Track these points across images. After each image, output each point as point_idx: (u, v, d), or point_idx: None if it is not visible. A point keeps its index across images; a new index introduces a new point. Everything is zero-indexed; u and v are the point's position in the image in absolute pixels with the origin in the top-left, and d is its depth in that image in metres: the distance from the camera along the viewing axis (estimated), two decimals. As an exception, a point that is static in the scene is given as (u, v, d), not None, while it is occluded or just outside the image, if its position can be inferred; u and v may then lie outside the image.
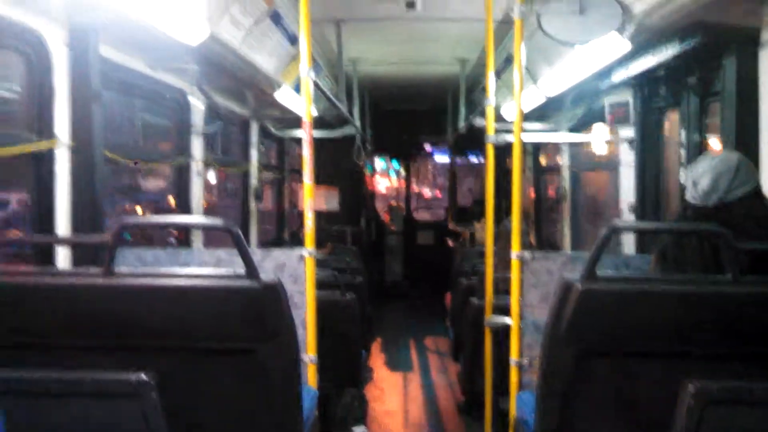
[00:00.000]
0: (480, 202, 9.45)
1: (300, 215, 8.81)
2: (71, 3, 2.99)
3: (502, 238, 4.97)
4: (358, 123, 6.98)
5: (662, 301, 2.26)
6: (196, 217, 4.78)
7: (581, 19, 3.42)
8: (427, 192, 16.02)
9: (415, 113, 10.54)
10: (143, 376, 1.99)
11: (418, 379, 6.88)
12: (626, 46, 3.58)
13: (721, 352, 2.26)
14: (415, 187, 13.48)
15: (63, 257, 3.20)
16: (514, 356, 3.55)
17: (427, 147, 11.77)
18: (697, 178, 2.81)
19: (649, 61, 3.80)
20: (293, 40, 4.65)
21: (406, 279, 11.33)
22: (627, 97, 4.81)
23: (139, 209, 5.97)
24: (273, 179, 8.20)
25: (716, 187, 2.75)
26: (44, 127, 3.09)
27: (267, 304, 2.20)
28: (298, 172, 8.81)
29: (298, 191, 8.92)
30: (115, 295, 2.20)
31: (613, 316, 2.25)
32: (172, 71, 4.31)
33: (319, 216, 3.51)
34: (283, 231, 8.12)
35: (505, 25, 4.97)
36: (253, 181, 6.53)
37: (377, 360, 7.37)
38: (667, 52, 3.56)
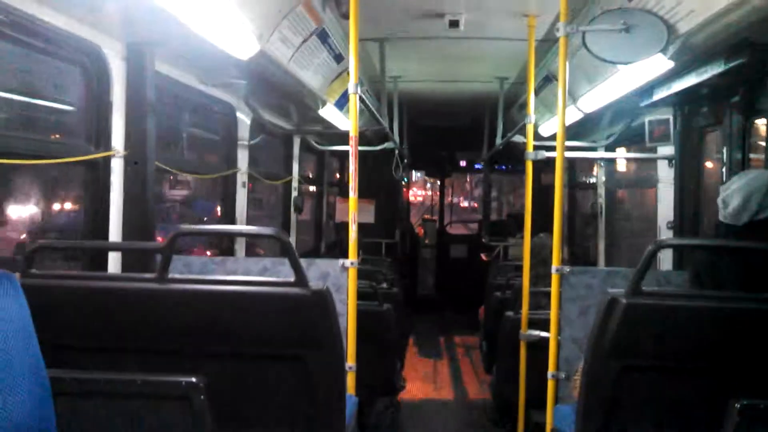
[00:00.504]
0: (514, 217, 9.47)
1: (336, 227, 8.96)
2: (129, 19, 3.10)
3: (538, 252, 5.00)
4: (396, 138, 7.07)
5: (707, 317, 2.27)
6: (247, 227, 4.89)
7: (626, 39, 3.42)
8: (463, 204, 16.02)
9: (452, 129, 10.59)
10: (193, 380, 2.03)
11: (451, 389, 6.91)
12: (669, 65, 3.60)
13: (765, 371, 2.27)
14: (449, 200, 13.50)
15: (113, 265, 3.31)
16: (551, 369, 3.58)
17: (463, 162, 11.81)
18: (728, 197, 2.82)
19: (691, 80, 3.79)
20: (338, 57, 4.76)
21: (439, 292, 11.35)
22: (667, 115, 4.82)
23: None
24: (311, 192, 8.32)
25: (747, 206, 2.75)
26: (101, 138, 3.23)
27: (315, 311, 2.26)
28: (335, 186, 8.92)
29: (335, 204, 9.03)
30: (169, 300, 2.28)
31: (657, 331, 2.27)
32: (221, 86, 4.44)
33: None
34: (321, 242, 8.22)
35: (544, 44, 5.02)
36: (294, 193, 6.64)
37: (411, 370, 7.40)
38: (711, 71, 3.55)
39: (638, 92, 4.44)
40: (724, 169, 4.10)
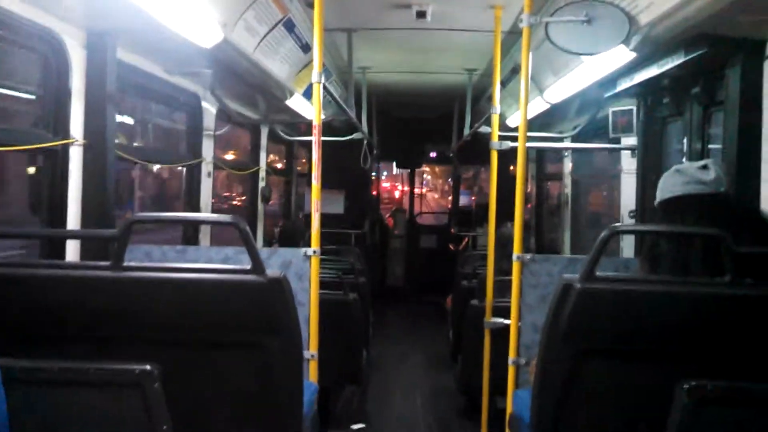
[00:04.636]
0: (482, 207, 9.54)
1: (305, 218, 8.95)
2: (90, 7, 3.06)
3: (502, 242, 5.06)
4: (365, 129, 7.07)
5: (660, 302, 2.31)
6: (205, 214, 4.87)
7: (588, 30, 3.46)
8: (431, 196, 16.09)
9: (421, 120, 10.64)
10: (147, 367, 2.02)
11: (418, 378, 6.96)
12: (630, 56, 3.65)
13: (718, 354, 2.31)
14: (419, 191, 13.56)
15: (72, 252, 3.28)
16: (512, 355, 3.63)
17: (433, 153, 11.87)
18: (700, 170, 2.90)
19: (653, 71, 3.85)
20: (305, 47, 4.75)
21: (409, 282, 11.41)
22: (631, 106, 4.89)
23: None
24: (280, 182, 8.30)
25: (722, 177, 2.85)
26: (60, 126, 3.20)
27: (272, 298, 2.26)
28: (304, 176, 8.92)
29: (305, 194, 9.01)
30: (123, 288, 2.26)
31: (610, 316, 2.31)
32: (186, 75, 4.41)
33: (324, 218, 3.60)
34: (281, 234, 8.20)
35: (511, 36, 5.06)
36: (262, 183, 6.62)
37: (377, 359, 7.44)
38: (672, 63, 3.61)
39: (602, 83, 4.49)
40: (684, 159, 4.17)
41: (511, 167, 8.60)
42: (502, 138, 4.37)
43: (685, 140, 4.20)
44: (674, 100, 4.38)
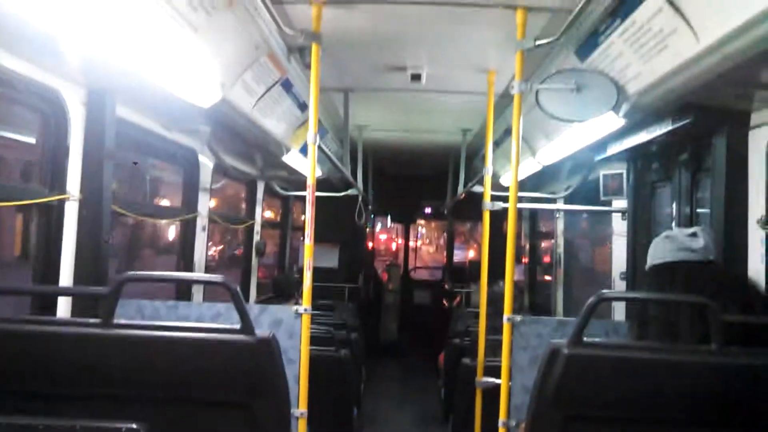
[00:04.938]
0: (476, 264, 9.56)
1: (299, 271, 8.96)
2: (90, 66, 3.12)
3: (494, 301, 5.07)
4: (361, 185, 7.14)
5: (647, 369, 2.33)
6: (197, 274, 4.88)
7: (578, 98, 3.54)
8: (426, 250, 16.11)
9: (416, 177, 10.75)
10: (133, 426, 2.00)
11: None
12: (620, 123, 3.73)
13: (705, 421, 2.32)
14: (415, 243, 13.60)
15: (64, 309, 3.29)
16: (502, 416, 3.61)
17: (427, 209, 11.95)
18: (689, 237, 2.96)
19: (642, 137, 3.92)
20: (303, 106, 4.84)
21: (402, 337, 11.35)
22: (621, 169, 4.96)
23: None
24: (275, 236, 8.34)
25: (710, 245, 2.91)
26: (56, 182, 3.23)
27: (261, 358, 2.27)
28: (300, 229, 8.96)
29: (299, 248, 9.04)
30: (113, 345, 2.27)
31: (598, 382, 2.32)
32: (184, 132, 4.48)
33: (318, 271, 3.63)
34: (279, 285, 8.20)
35: (505, 99, 5.16)
36: (256, 237, 6.65)
37: (369, 416, 7.36)
38: (660, 130, 3.68)
39: (593, 147, 4.57)
40: (673, 224, 4.22)
41: (504, 225, 8.65)
42: (495, 198, 4.43)
43: (674, 204, 4.26)
44: (663, 165, 4.45)
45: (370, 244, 12.00)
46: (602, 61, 3.40)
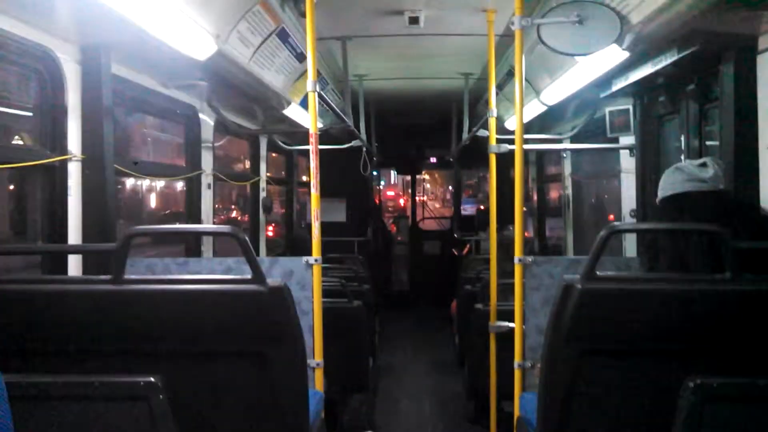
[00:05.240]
0: (484, 212, 9.53)
1: (308, 227, 8.96)
2: (83, 22, 3.08)
3: (505, 244, 5.06)
4: (364, 136, 7.09)
5: (662, 300, 2.31)
6: (204, 225, 4.88)
7: (580, 31, 3.46)
8: (433, 203, 16.10)
9: (420, 126, 10.66)
10: (151, 379, 2.03)
11: (425, 385, 6.94)
12: (624, 55, 3.66)
13: (722, 350, 2.31)
14: (420, 198, 13.58)
15: (74, 267, 3.30)
16: (517, 359, 3.62)
17: (433, 159, 11.89)
18: (699, 168, 2.93)
19: (647, 70, 3.86)
20: (300, 57, 4.76)
21: (413, 287, 11.41)
22: (627, 105, 4.89)
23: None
24: (281, 192, 8.32)
25: (720, 174, 2.90)
26: (57, 142, 3.21)
27: (274, 307, 2.27)
28: (305, 185, 8.93)
29: (306, 203, 9.02)
30: (124, 301, 2.28)
31: (613, 316, 2.31)
32: (182, 88, 4.42)
33: (327, 226, 3.62)
34: (290, 241, 8.24)
35: (506, 39, 5.06)
36: (262, 194, 6.63)
37: (384, 366, 7.43)
38: (665, 61, 3.62)
39: (597, 84, 4.50)
40: (682, 157, 4.17)
41: (512, 170, 8.59)
42: (500, 141, 4.37)
43: (682, 138, 4.20)
44: (670, 98, 4.38)
45: (378, 198, 11.98)
46: (604, -10, 3.32)
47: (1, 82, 3.20)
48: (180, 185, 5.39)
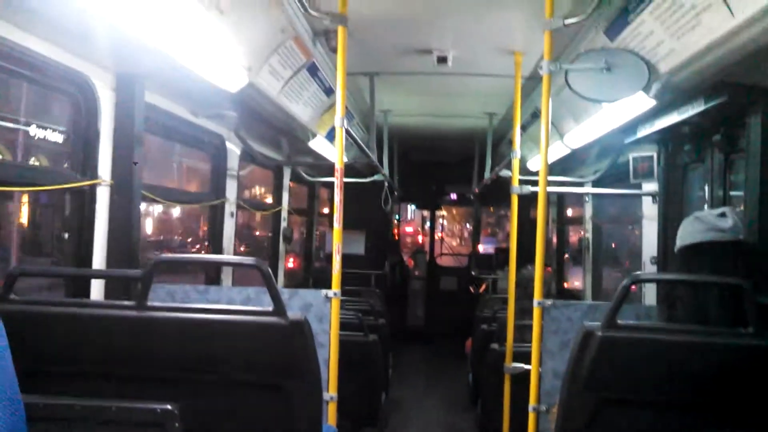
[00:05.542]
0: (503, 251, 9.52)
1: (326, 258, 8.98)
2: (119, 51, 3.15)
3: (523, 283, 5.05)
4: (386, 171, 7.14)
5: (684, 352, 2.30)
6: (228, 256, 4.92)
7: (608, 77, 3.48)
8: (450, 239, 16.07)
9: (442, 162, 10.72)
10: (168, 407, 2.04)
11: (436, 422, 6.87)
12: (651, 103, 3.67)
13: (741, 405, 2.29)
14: (439, 234, 13.57)
15: (97, 290, 3.33)
16: (532, 402, 3.59)
17: (453, 195, 11.91)
18: (718, 218, 2.93)
19: (674, 118, 3.86)
20: (329, 91, 4.83)
21: (428, 323, 11.36)
22: (651, 152, 4.89)
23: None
24: (302, 222, 8.37)
25: (739, 224, 2.89)
26: (88, 167, 3.27)
27: (293, 340, 2.28)
28: (326, 216, 8.97)
29: (326, 234, 9.05)
30: (147, 327, 2.30)
31: (632, 365, 2.30)
32: (212, 117, 4.50)
33: (345, 258, 3.64)
34: (310, 272, 8.26)
35: (532, 81, 5.11)
36: (284, 223, 6.67)
37: (397, 401, 7.37)
38: (692, 110, 3.62)
39: (623, 129, 4.51)
40: (706, 206, 4.15)
41: (532, 210, 8.58)
42: (522, 182, 4.39)
43: (706, 187, 4.18)
44: (695, 147, 4.37)
45: (396, 232, 11.99)
46: (632, 39, 3.34)
47: (39, 105, 3.27)
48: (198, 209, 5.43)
